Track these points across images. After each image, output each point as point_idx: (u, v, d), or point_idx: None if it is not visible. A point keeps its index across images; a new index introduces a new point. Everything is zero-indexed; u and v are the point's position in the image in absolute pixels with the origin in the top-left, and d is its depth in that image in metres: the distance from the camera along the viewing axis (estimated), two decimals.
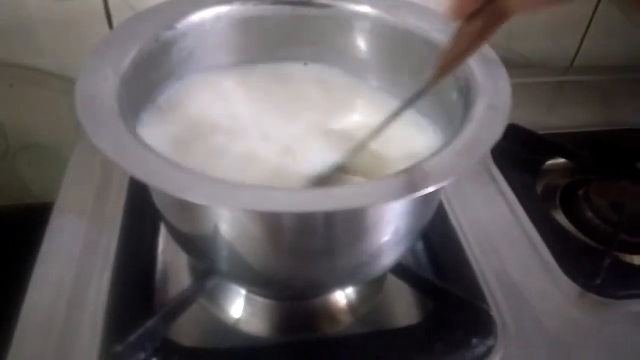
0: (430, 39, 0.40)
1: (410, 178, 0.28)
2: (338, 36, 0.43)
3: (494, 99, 0.33)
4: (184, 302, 0.41)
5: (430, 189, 0.27)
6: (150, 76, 0.38)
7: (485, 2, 0.19)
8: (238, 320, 0.44)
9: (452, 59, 0.26)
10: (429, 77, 0.28)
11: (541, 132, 0.61)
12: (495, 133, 0.31)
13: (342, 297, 0.46)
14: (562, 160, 0.61)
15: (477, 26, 0.21)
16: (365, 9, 0.42)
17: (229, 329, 0.43)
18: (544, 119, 0.67)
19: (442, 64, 0.27)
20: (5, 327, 0.40)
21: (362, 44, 0.44)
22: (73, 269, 0.44)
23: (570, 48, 0.76)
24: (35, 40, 0.61)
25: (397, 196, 0.28)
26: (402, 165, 0.29)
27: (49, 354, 0.39)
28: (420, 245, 0.50)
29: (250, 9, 0.42)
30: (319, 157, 0.38)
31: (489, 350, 0.41)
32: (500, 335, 0.42)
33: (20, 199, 0.78)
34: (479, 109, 0.33)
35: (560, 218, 0.55)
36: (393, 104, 0.36)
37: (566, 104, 0.72)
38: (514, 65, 0.74)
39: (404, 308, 0.46)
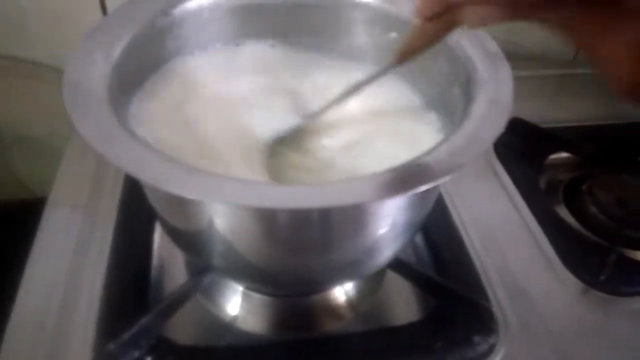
0: None
1: (408, 173, 0.27)
2: (337, 25, 0.42)
3: (496, 92, 0.32)
4: (179, 299, 0.40)
5: (426, 186, 0.26)
6: (143, 63, 0.37)
7: (444, 10, 0.23)
8: (235, 317, 0.43)
9: (409, 51, 0.30)
10: (388, 62, 0.32)
11: (544, 126, 0.61)
12: (496, 128, 0.30)
13: (341, 293, 0.45)
14: (565, 155, 0.60)
15: (434, 27, 0.25)
16: None
17: (225, 327, 0.43)
18: (547, 113, 0.66)
19: (400, 53, 0.30)
20: None
21: (360, 33, 0.42)
22: (66, 264, 0.43)
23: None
24: (26, 31, 0.60)
25: (393, 193, 0.27)
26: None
27: (41, 352, 0.38)
28: (420, 241, 0.49)
29: None
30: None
31: (491, 348, 0.41)
32: (502, 333, 0.42)
33: (15, 194, 0.77)
34: (480, 103, 0.32)
35: (564, 213, 0.54)
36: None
37: (569, 97, 0.71)
38: (515, 58, 0.73)
39: (404, 305, 0.45)
